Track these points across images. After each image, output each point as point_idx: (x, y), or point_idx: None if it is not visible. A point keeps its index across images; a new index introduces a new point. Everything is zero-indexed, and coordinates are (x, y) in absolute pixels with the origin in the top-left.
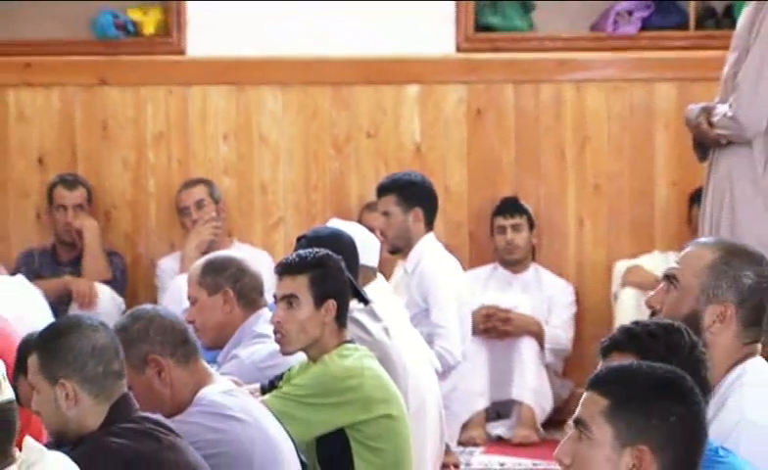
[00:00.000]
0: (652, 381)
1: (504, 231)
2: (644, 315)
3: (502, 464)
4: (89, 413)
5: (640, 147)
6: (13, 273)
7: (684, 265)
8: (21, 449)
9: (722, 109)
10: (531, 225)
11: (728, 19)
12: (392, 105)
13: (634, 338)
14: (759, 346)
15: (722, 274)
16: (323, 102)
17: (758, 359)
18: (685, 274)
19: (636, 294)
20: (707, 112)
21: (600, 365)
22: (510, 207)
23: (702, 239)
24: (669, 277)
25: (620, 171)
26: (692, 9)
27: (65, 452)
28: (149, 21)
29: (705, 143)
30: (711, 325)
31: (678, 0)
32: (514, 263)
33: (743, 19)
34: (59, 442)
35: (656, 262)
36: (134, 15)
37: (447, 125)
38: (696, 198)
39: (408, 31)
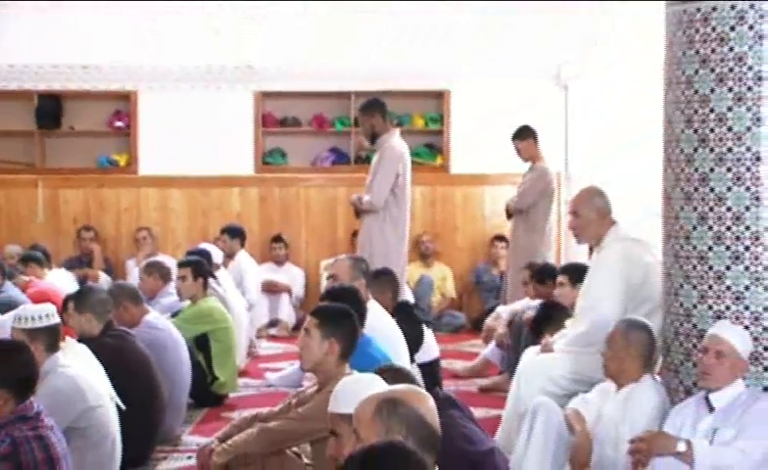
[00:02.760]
0: (335, 310)
1: (275, 249)
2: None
3: (271, 347)
4: (95, 328)
5: (330, 214)
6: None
7: (337, 270)
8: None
9: (366, 197)
10: (286, 245)
11: (368, 159)
12: (227, 197)
13: (331, 294)
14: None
15: (356, 268)
16: (199, 196)
17: (373, 303)
18: (339, 274)
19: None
20: (359, 198)
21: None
22: (278, 238)
23: (342, 256)
24: (332, 276)
25: (324, 224)
26: (352, 153)
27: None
28: (122, 159)
29: (359, 211)
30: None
31: (345, 150)
32: (279, 263)
33: (373, 160)
34: (79, 340)
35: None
36: (116, 157)
37: (250, 205)
38: (354, 234)
39: (234, 163)
